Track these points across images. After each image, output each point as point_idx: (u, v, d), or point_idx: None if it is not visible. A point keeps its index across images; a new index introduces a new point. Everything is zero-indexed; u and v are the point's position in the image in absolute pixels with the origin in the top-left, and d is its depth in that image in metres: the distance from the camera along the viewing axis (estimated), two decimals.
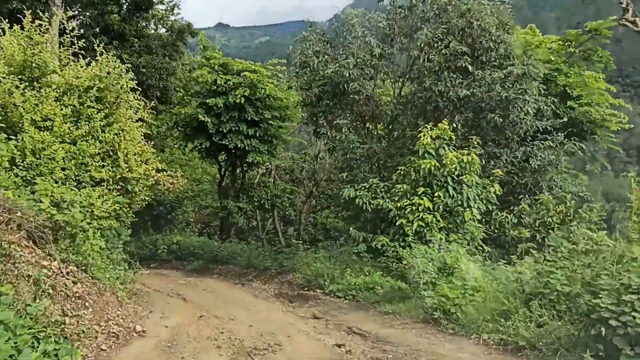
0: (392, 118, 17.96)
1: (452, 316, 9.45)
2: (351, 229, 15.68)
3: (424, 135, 14.33)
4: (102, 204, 11.96)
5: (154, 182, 13.70)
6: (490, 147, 16.49)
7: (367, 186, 16.18)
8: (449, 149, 14.23)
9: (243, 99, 23.20)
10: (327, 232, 32.93)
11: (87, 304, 8.63)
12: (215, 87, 23.85)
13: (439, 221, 13.44)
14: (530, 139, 16.84)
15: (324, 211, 33.50)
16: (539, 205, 15.21)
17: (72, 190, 11.68)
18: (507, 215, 15.30)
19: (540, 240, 14.72)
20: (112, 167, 13.00)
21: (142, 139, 14.27)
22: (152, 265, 24.58)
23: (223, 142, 23.90)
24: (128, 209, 13.50)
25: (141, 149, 13.97)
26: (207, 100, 23.40)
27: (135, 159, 13.50)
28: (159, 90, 24.15)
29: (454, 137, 14.52)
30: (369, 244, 15.32)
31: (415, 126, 16.52)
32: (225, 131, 23.70)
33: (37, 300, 7.38)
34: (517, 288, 8.99)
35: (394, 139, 18.06)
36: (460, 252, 11.37)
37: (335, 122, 17.82)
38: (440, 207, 13.71)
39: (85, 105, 12.80)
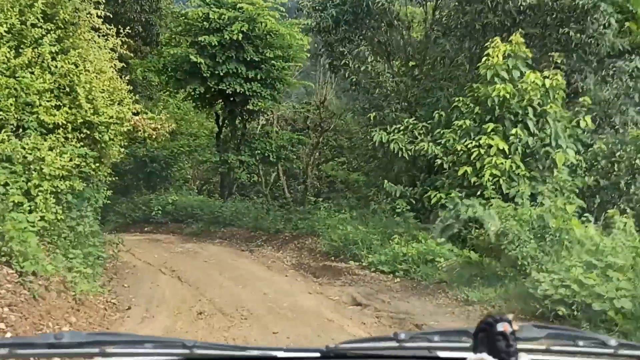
0: (424, 45, 14.07)
1: (595, 315, 5.86)
2: (386, 182, 12.03)
3: (493, 53, 10.43)
4: (57, 159, 8.28)
5: (130, 128, 9.91)
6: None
7: (400, 128, 12.45)
8: (526, 70, 10.33)
9: (240, 35, 19.15)
10: (331, 185, 29.51)
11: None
12: (207, 24, 19.80)
13: (518, 167, 9.75)
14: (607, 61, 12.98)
15: (327, 163, 29.91)
16: (621, 144, 11.49)
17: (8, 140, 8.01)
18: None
19: (625, 188, 11.11)
20: (70, 108, 9.25)
21: (114, 73, 10.43)
22: (145, 229, 21.01)
23: (220, 87, 20.01)
24: (98, 164, 9.77)
25: (112, 86, 10.15)
26: (199, 39, 19.37)
27: (103, 97, 9.69)
28: (141, 25, 20.06)
29: (530, 55, 10.68)
30: (410, 199, 11.73)
31: (459, 52, 12.70)
32: (221, 74, 19.74)
33: None
34: None
35: (429, 69, 14.17)
36: (569, 210, 7.80)
37: (355, 51, 13.89)
38: (519, 148, 9.99)
39: (28, 23, 8.97)
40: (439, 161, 11.43)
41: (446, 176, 11.13)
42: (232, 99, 20.94)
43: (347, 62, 13.71)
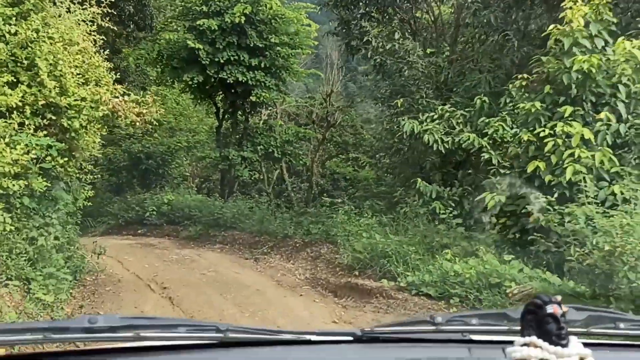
0: (456, 21, 11.82)
1: None
2: (419, 181, 9.80)
3: (571, 15, 8.12)
4: (6, 151, 6.09)
5: (107, 113, 7.67)
6: None
7: (434, 116, 10.25)
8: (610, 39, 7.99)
9: (243, 19, 16.94)
10: (335, 184, 27.46)
11: None
12: (207, 7, 17.58)
13: (611, 161, 7.45)
14: None
15: (331, 160, 27.85)
16: None
17: None
18: None
19: None
20: (30, 86, 7.05)
21: (90, 45, 8.19)
22: (139, 232, 18.79)
23: (220, 76, 17.79)
24: (67, 158, 7.55)
25: (87, 62, 7.92)
26: (198, 23, 17.17)
27: (73, 74, 7.46)
28: (132, 5, 17.76)
29: (615, 20, 8.38)
30: (447, 201, 9.54)
31: (504, 25, 10.46)
32: (222, 61, 17.53)
33: None
34: None
35: (464, 48, 11.89)
36: None
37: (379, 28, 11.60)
38: (607, 138, 7.74)
39: None
40: (485, 155, 9.23)
41: (495, 173, 8.93)
42: (233, 89, 18.72)
43: (369, 39, 11.46)
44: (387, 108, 12.94)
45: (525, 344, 1.07)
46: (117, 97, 7.68)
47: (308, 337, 1.41)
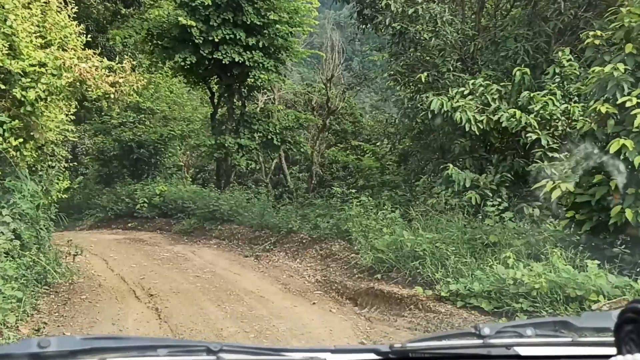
0: None
1: None
2: (451, 167, 8.14)
3: None
4: None
5: (73, 81, 5.95)
6: None
7: (464, 92, 8.60)
8: None
9: None
10: (334, 173, 26.17)
11: None
12: None
13: None
14: None
15: (330, 148, 26.42)
16: None
17: None
18: None
19: None
20: None
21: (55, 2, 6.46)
22: (129, 225, 17.11)
23: (214, 57, 16.06)
24: (24, 139, 5.86)
25: (48, 19, 6.19)
26: None
27: (29, 33, 5.74)
28: None
29: None
30: (483, 190, 7.89)
31: None
32: (216, 40, 15.81)
33: None
34: None
35: (495, 13, 10.12)
36: None
37: None
38: None
39: None
40: (532, 135, 7.58)
41: (543, 157, 7.29)
42: (229, 71, 17.00)
43: (388, 2, 9.66)
44: (404, 86, 11.25)
45: None
46: (85, 63, 5.94)
47: (321, 355, 1.09)
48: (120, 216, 17.93)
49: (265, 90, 20.18)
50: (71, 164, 9.40)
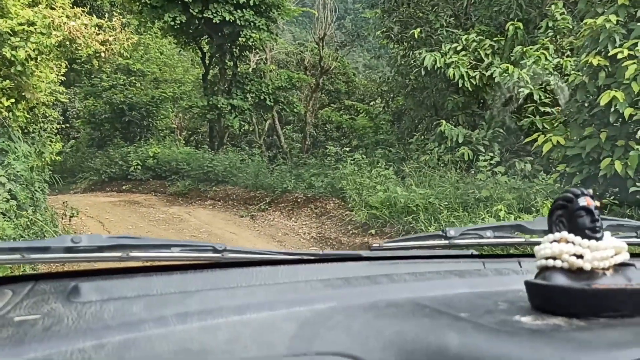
0: None
1: None
2: (444, 123, 8.17)
3: None
4: None
5: (62, 40, 5.90)
6: None
7: (457, 48, 8.57)
8: None
9: None
10: (327, 134, 26.12)
11: None
12: None
13: None
14: None
15: (324, 109, 26.28)
16: None
17: None
18: None
19: None
20: None
21: None
22: (123, 188, 17.15)
23: (205, 16, 15.83)
24: (15, 99, 5.85)
25: None
26: None
27: None
28: None
29: None
30: (476, 146, 7.96)
31: None
32: None
33: None
34: None
35: None
36: None
37: None
38: None
39: None
40: (523, 91, 7.60)
41: (535, 112, 7.33)
42: (220, 31, 16.76)
43: None
44: (396, 43, 11.15)
45: (555, 241, 0.94)
46: (74, 21, 5.87)
47: (312, 258, 1.33)
48: (114, 179, 17.96)
49: (257, 50, 19.94)
50: (62, 126, 9.28)
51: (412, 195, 7.21)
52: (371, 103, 20.98)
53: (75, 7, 6.41)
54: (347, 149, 11.68)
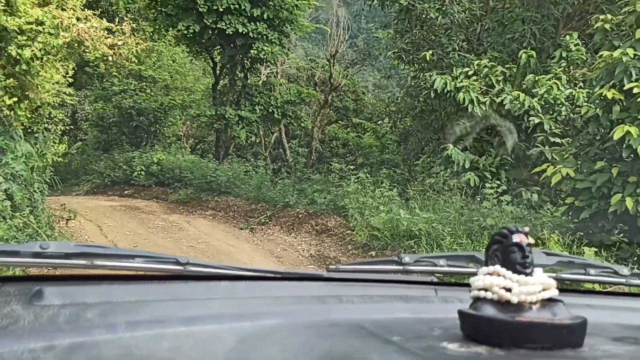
0: None
1: None
2: (451, 147, 8.01)
3: None
4: None
5: (70, 41, 5.79)
6: None
7: (469, 72, 8.44)
8: None
9: None
10: (334, 150, 26.07)
11: None
12: None
13: None
14: None
15: (331, 125, 26.21)
16: None
17: None
18: None
19: None
20: None
21: None
22: (125, 193, 17.03)
23: (218, 26, 15.80)
24: (18, 98, 5.73)
25: None
26: None
27: None
28: None
29: None
30: (482, 172, 7.78)
31: None
32: (221, 9, 15.53)
33: None
34: None
35: None
36: None
37: None
38: None
39: None
40: (534, 119, 7.45)
41: (544, 142, 7.17)
42: (232, 42, 16.75)
43: None
44: (407, 64, 11.02)
45: (488, 273, 0.99)
46: (84, 23, 5.76)
47: (272, 275, 1.37)
48: (117, 183, 17.84)
49: (268, 63, 19.91)
50: (68, 128, 9.17)
51: (416, 219, 7.02)
52: (379, 122, 20.87)
53: (86, 9, 6.31)
54: (352, 166, 11.51)
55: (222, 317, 1.09)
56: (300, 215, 10.55)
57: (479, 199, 7.45)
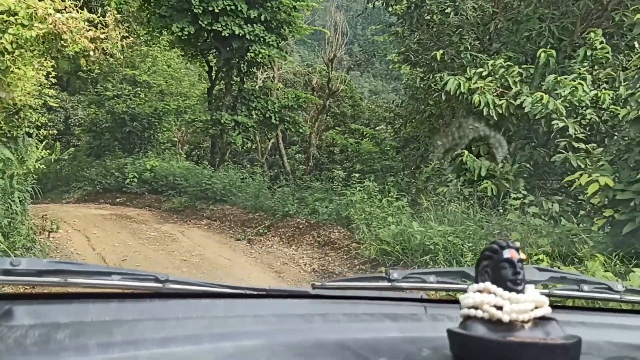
0: None
1: None
2: (466, 153, 7.35)
3: None
4: None
5: (46, 33, 5.09)
6: None
7: (483, 73, 7.80)
8: None
9: None
10: (331, 156, 25.61)
11: None
12: None
13: None
14: None
15: (329, 131, 25.69)
16: None
17: None
18: None
19: None
20: None
21: None
22: (117, 201, 16.30)
23: (214, 28, 15.17)
24: None
25: None
26: None
27: None
28: None
29: None
30: (500, 181, 7.13)
31: None
32: (216, 11, 14.90)
33: None
34: None
35: None
36: None
37: None
38: None
39: None
40: (558, 123, 6.80)
41: (567, 148, 6.53)
42: (228, 45, 16.08)
43: None
44: (414, 66, 10.37)
45: (478, 290, 0.96)
46: (62, 14, 5.07)
47: (255, 293, 1.30)
48: (108, 190, 17.12)
49: (265, 67, 19.27)
50: (61, 133, 8.45)
51: (430, 232, 6.34)
52: (376, 128, 20.29)
53: None
54: (352, 173, 10.86)
55: (201, 337, 1.04)
56: (301, 226, 9.86)
57: (500, 210, 6.79)
